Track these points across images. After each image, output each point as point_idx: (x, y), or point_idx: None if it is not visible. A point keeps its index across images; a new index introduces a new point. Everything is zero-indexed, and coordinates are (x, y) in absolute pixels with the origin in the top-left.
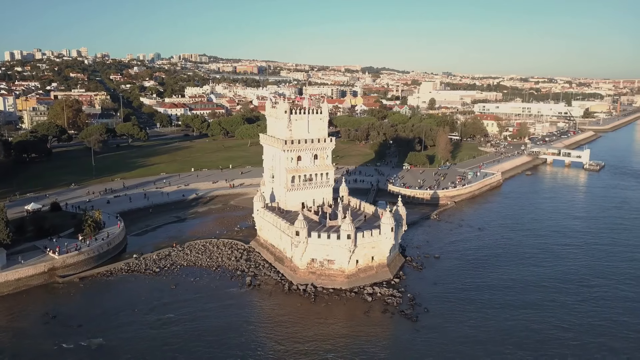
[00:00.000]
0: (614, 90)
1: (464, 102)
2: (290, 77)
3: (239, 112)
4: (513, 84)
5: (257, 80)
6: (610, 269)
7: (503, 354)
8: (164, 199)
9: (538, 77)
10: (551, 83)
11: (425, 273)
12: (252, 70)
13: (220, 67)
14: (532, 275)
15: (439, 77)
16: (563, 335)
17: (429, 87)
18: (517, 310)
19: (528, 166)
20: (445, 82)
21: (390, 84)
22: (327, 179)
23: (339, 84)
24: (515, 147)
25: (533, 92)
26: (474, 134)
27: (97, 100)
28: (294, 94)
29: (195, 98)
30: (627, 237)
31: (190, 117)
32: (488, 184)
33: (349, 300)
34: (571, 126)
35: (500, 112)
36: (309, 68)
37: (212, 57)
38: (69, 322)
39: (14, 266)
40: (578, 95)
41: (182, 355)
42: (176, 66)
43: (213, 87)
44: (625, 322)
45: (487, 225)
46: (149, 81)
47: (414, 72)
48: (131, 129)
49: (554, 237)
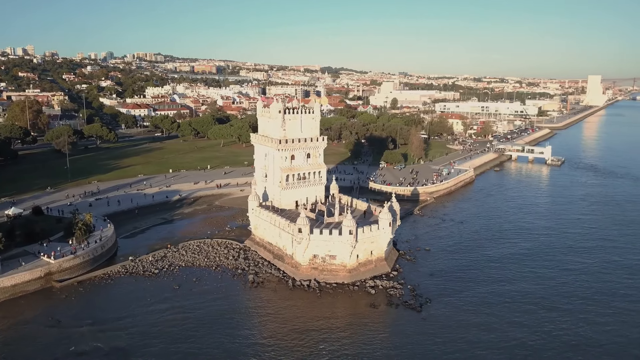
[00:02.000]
0: (560, 89)
1: (425, 101)
2: (250, 76)
3: (206, 113)
4: (467, 84)
5: (217, 80)
6: (579, 244)
7: (507, 335)
8: (149, 201)
9: (490, 77)
10: (503, 83)
11: (420, 265)
12: (210, 69)
13: (178, 66)
14: (523, 268)
15: (396, 77)
16: (545, 298)
17: (389, 87)
18: (512, 293)
19: (495, 162)
20: (403, 82)
21: (350, 84)
22: (320, 177)
23: (299, 84)
24: (481, 145)
25: (487, 91)
26: (441, 133)
27: (54, 100)
28: (258, 94)
29: (158, 98)
30: (592, 219)
31: (160, 118)
32: (462, 180)
33: (353, 293)
34: (527, 124)
35: (460, 111)
36: (269, 68)
37: (168, 56)
38: (76, 325)
39: (9, 272)
40: (529, 95)
41: (200, 352)
42: (131, 65)
43: (174, 87)
44: (593, 280)
45: (468, 219)
46: (105, 81)
47: (371, 72)
48: (99, 130)
49: (529, 226)
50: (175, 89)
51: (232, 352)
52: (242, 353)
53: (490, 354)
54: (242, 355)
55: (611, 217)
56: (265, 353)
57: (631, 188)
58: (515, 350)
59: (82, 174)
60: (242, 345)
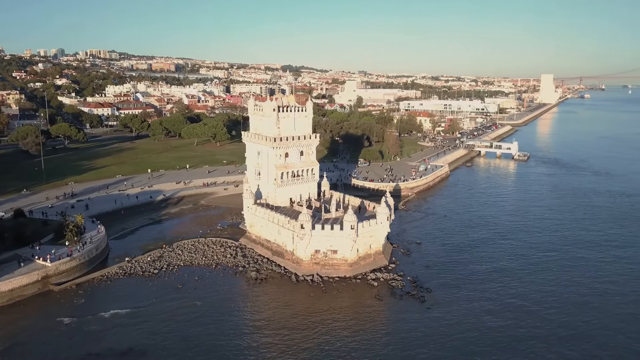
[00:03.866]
0: (514, 88)
1: (389, 100)
2: (210, 74)
3: (173, 111)
4: (426, 82)
5: (177, 79)
6: (553, 229)
7: (507, 318)
8: (133, 202)
9: (447, 75)
10: (459, 81)
11: (414, 257)
12: (169, 67)
13: (134, 64)
14: (507, 249)
15: (357, 76)
16: (524, 275)
17: (353, 85)
18: (506, 277)
19: (466, 158)
20: (365, 81)
21: (313, 83)
22: (313, 174)
23: (261, 82)
24: (450, 142)
25: (446, 89)
26: (411, 130)
27: (10, 100)
28: (222, 92)
29: (121, 97)
30: (563, 208)
31: (129, 117)
32: (439, 176)
33: (356, 286)
34: (489, 121)
35: (424, 109)
36: (229, 66)
37: (123, 53)
38: (84, 327)
39: (5, 276)
40: (485, 93)
41: (216, 347)
42: (85, 63)
43: (134, 85)
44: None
45: (450, 212)
46: (60, 79)
47: (332, 70)
48: (68, 130)
49: (508, 216)
50: (137, 87)
51: (251, 345)
52: (261, 345)
53: (496, 334)
54: (263, 347)
55: (580, 205)
56: (284, 344)
57: (594, 180)
58: (517, 329)
59: (56, 175)
60: (259, 338)
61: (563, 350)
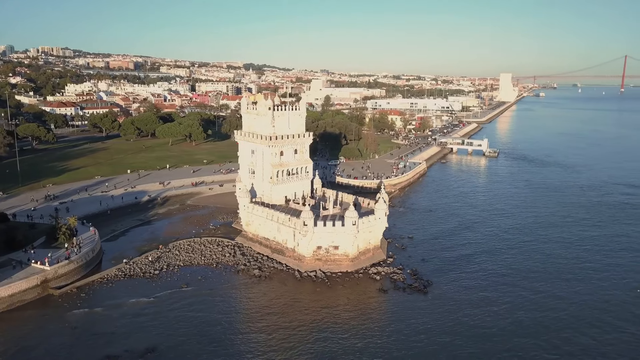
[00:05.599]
0: (472, 86)
1: (356, 99)
2: (172, 73)
3: (141, 111)
4: (388, 81)
5: (138, 77)
6: (529, 215)
7: (505, 302)
8: (118, 203)
9: (408, 75)
10: (420, 80)
11: (409, 251)
12: (127, 65)
13: (90, 62)
14: (501, 244)
15: (320, 75)
16: (515, 262)
17: (319, 84)
18: (498, 264)
19: (440, 155)
20: (329, 80)
21: (277, 81)
22: (307, 172)
23: (225, 81)
24: (422, 139)
25: (408, 88)
26: (383, 128)
27: None
28: (188, 90)
29: (83, 96)
30: (536, 200)
31: (99, 117)
32: (418, 172)
33: (360, 281)
34: (454, 119)
35: (392, 107)
36: (190, 64)
37: (77, 51)
38: (97, 331)
39: (4, 282)
40: (447, 92)
41: (234, 343)
42: (37, 60)
43: (95, 83)
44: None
45: (434, 206)
46: (14, 77)
47: (295, 69)
48: (36, 130)
49: (489, 208)
50: (97, 86)
51: (270, 337)
52: (279, 337)
53: (498, 319)
54: (282, 339)
55: (553, 197)
56: (300, 336)
57: (562, 174)
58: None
59: (29, 177)
60: (274, 330)
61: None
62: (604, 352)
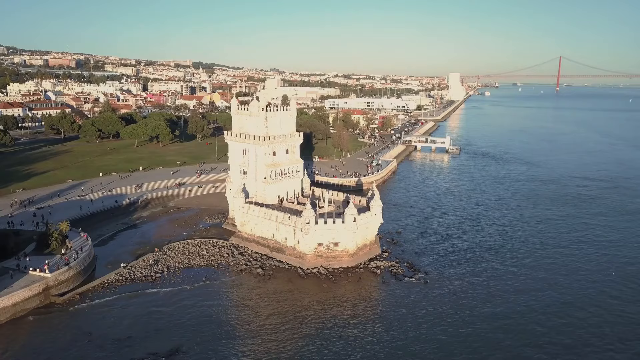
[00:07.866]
0: (420, 85)
1: (312, 98)
2: (117, 71)
3: (95, 111)
4: (339, 81)
5: (83, 75)
6: (499, 205)
7: (502, 289)
8: (98, 207)
9: (358, 74)
10: (370, 80)
11: (402, 245)
12: (69, 64)
13: (27, 59)
14: (476, 227)
15: (271, 74)
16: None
17: (274, 83)
18: (490, 254)
19: (406, 153)
20: (282, 79)
21: (228, 80)
22: (298, 171)
23: (175, 80)
24: (387, 138)
25: (360, 87)
26: (347, 127)
27: None
28: (140, 90)
29: (29, 96)
30: (505, 192)
31: (57, 118)
32: (390, 170)
33: (362, 275)
34: (410, 118)
35: (350, 107)
36: (136, 62)
37: (11, 47)
38: (114, 336)
39: (5, 290)
40: (398, 91)
41: (261, 341)
42: None
43: (38, 82)
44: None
45: (414, 202)
46: None
47: (245, 68)
48: None
49: (463, 201)
50: (42, 85)
51: (291, 333)
52: (298, 330)
53: (497, 303)
54: (301, 330)
55: (517, 189)
56: (317, 327)
57: (522, 169)
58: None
59: None
60: (293, 325)
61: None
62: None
